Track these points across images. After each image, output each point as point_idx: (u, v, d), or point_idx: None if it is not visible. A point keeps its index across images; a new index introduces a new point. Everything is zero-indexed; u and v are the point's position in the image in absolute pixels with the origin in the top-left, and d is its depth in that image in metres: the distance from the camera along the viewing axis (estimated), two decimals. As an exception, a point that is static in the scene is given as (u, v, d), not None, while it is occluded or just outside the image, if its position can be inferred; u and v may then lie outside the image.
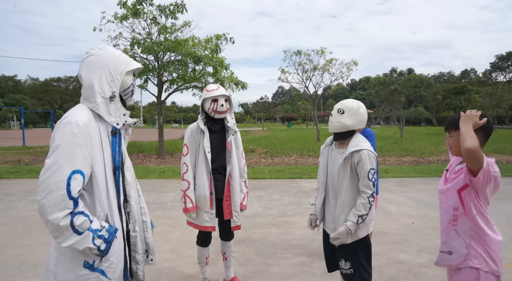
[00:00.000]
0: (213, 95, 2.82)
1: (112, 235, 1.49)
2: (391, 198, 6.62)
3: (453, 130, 1.90)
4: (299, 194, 7.00)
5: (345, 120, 2.27)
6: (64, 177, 1.38)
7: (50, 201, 1.37)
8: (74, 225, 1.39)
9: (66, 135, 1.43)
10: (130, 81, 1.71)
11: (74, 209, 1.39)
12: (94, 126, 1.53)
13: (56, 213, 1.36)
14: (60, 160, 1.40)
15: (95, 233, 1.43)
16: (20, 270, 3.55)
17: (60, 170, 1.39)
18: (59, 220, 1.36)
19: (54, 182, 1.38)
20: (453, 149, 1.95)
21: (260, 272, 3.48)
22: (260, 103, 54.62)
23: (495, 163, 1.79)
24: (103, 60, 1.61)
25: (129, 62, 1.68)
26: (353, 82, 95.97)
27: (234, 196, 2.95)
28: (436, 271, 3.48)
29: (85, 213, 1.43)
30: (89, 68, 1.60)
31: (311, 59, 19.27)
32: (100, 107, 1.56)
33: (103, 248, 1.46)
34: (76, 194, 1.40)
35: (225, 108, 2.85)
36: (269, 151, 14.46)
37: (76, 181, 1.40)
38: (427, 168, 10.35)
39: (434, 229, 4.74)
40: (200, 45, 12.21)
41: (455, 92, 46.62)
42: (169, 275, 3.41)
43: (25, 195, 7.00)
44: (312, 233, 4.64)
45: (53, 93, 60.09)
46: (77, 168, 1.41)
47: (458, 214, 1.86)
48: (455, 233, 1.88)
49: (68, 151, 1.42)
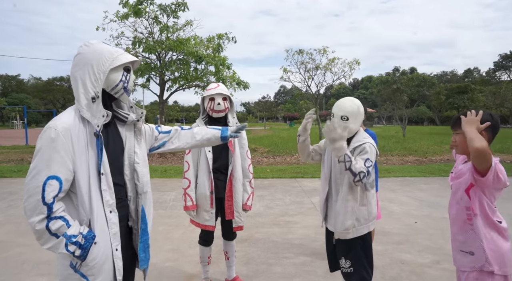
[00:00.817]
0: (210, 93, 2.82)
1: (89, 241, 1.46)
2: (393, 197, 6.60)
3: (459, 127, 1.87)
4: (301, 194, 6.99)
5: (351, 126, 2.28)
6: (40, 183, 1.39)
7: (28, 205, 1.39)
8: (50, 229, 1.40)
9: (44, 140, 1.43)
10: (118, 78, 1.60)
11: (49, 214, 1.39)
12: (78, 129, 1.48)
13: (33, 217, 1.38)
14: (38, 165, 1.41)
15: (69, 240, 1.42)
16: (23, 268, 3.55)
17: (38, 175, 1.40)
18: (35, 224, 1.38)
19: (32, 187, 1.39)
20: (459, 147, 1.93)
21: (262, 272, 3.47)
22: (262, 102, 54.59)
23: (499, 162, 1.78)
24: (87, 58, 1.53)
25: (115, 58, 1.56)
26: (355, 81, 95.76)
27: (236, 196, 2.93)
28: (439, 271, 3.46)
29: (64, 218, 1.43)
30: (76, 68, 1.55)
31: (313, 58, 19.21)
32: (84, 109, 1.51)
33: (77, 254, 1.44)
34: (50, 199, 1.39)
35: (222, 107, 2.83)
36: (271, 150, 14.44)
37: (50, 187, 1.39)
38: (430, 167, 10.31)
39: (437, 229, 4.72)
40: (202, 44, 12.22)
41: (458, 92, 46.40)
42: (170, 275, 3.41)
43: (28, 194, 7.02)
44: (314, 232, 4.63)
45: (56, 93, 60.25)
46: (53, 174, 1.40)
47: (471, 214, 1.86)
48: (473, 232, 1.86)
49: (46, 156, 1.41)
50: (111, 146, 1.62)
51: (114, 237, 1.55)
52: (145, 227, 1.73)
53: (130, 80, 1.66)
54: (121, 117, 1.69)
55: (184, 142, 2.01)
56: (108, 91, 1.61)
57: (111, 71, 1.57)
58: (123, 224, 1.68)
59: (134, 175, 1.71)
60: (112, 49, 1.59)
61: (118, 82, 1.60)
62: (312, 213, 5.55)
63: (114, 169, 1.59)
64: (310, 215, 5.44)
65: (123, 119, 1.69)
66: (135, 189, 1.72)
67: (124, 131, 1.72)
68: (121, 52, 1.61)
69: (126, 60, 1.60)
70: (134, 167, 1.71)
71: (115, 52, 1.58)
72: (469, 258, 1.88)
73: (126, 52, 1.67)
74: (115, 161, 1.64)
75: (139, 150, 1.74)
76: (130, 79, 1.66)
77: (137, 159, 1.71)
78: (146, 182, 1.75)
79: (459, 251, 1.94)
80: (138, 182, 1.71)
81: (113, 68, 1.56)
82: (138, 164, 1.71)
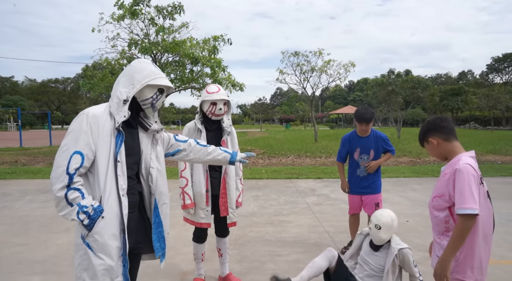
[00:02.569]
0: (213, 98, 2.87)
1: (97, 214, 1.68)
2: (386, 197, 6.67)
3: (423, 142, 2.08)
4: (295, 194, 7.05)
5: (381, 235, 2.65)
6: (67, 156, 1.66)
7: (55, 174, 1.66)
8: (67, 198, 1.64)
9: (77, 123, 1.73)
10: (150, 95, 1.88)
11: (69, 183, 1.65)
12: (105, 119, 1.77)
13: (56, 184, 1.64)
14: (68, 142, 1.70)
15: (81, 209, 1.65)
16: (18, 268, 3.58)
17: (67, 150, 1.68)
18: (56, 191, 1.64)
19: (60, 160, 1.68)
20: (434, 156, 2.10)
21: (255, 269, 3.52)
22: (258, 104, 54.75)
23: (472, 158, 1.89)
24: (134, 70, 1.86)
25: (154, 78, 1.85)
26: (351, 84, 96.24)
27: (230, 193, 3.00)
28: (428, 267, 3.52)
29: (81, 191, 1.68)
30: (123, 74, 1.88)
31: (308, 60, 19.36)
32: (114, 106, 1.80)
33: (86, 223, 1.66)
34: (72, 171, 1.65)
35: (223, 111, 2.92)
36: (266, 152, 14.50)
37: (75, 160, 1.66)
38: (423, 168, 10.42)
39: (428, 227, 4.77)
40: (197, 46, 12.28)
41: (452, 93, 46.76)
42: (166, 272, 3.45)
43: (23, 195, 7.02)
44: (308, 231, 4.69)
45: (51, 95, 60.05)
46: (78, 150, 1.67)
47: (449, 227, 1.91)
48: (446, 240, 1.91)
49: (75, 135, 1.70)
50: (130, 144, 1.88)
51: (125, 218, 1.76)
52: (159, 220, 2.02)
53: (159, 100, 1.94)
54: (145, 125, 1.98)
55: (198, 158, 2.32)
56: (138, 101, 1.90)
57: (147, 87, 1.87)
58: (134, 214, 1.92)
59: (148, 178, 1.99)
60: (156, 70, 1.90)
61: (149, 97, 1.90)
62: (306, 213, 5.61)
63: (129, 163, 1.84)
64: (304, 215, 5.50)
65: (146, 127, 1.98)
66: (149, 189, 2.01)
67: (145, 137, 2.00)
68: (162, 76, 1.92)
69: (162, 83, 1.90)
70: (149, 171, 1.98)
71: (158, 74, 1.89)
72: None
73: (166, 78, 1.96)
74: (131, 157, 1.88)
75: (155, 158, 2.01)
76: (160, 99, 1.94)
77: (152, 165, 1.99)
78: (161, 193, 2.03)
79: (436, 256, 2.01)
80: (151, 184, 1.99)
81: (150, 84, 1.86)
82: (153, 169, 1.99)
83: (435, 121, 2.01)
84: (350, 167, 3.88)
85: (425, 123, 2.06)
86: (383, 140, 3.75)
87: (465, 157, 1.87)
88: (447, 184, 1.86)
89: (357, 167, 3.79)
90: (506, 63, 61.10)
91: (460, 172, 1.79)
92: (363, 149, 3.74)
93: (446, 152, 1.98)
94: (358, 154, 3.77)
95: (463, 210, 1.74)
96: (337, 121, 57.18)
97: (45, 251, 4.03)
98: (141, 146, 1.97)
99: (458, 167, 1.81)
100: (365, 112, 3.63)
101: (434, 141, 1.98)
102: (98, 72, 12.73)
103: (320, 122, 64.30)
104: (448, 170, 1.91)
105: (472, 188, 1.76)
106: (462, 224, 1.76)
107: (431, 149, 2.04)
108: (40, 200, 6.57)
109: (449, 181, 1.85)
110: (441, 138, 1.97)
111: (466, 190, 1.75)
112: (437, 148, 1.99)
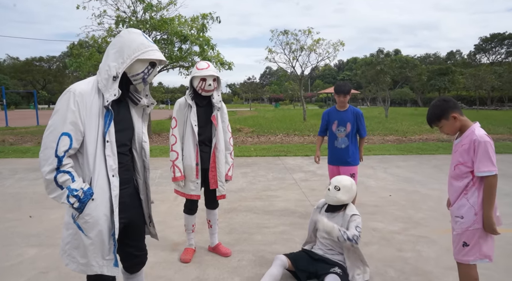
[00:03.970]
0: (202, 74, 2.94)
1: (88, 197, 1.66)
2: (371, 173, 6.91)
3: (436, 122, 2.31)
4: (283, 171, 7.23)
5: (340, 196, 2.81)
6: (55, 138, 1.61)
7: (43, 156, 1.62)
8: (57, 181, 1.61)
9: (63, 101, 1.64)
10: (141, 69, 1.78)
11: (58, 166, 1.61)
12: (92, 97, 1.69)
13: (45, 167, 1.60)
14: (55, 123, 1.63)
15: (71, 192, 1.62)
16: (13, 241, 3.68)
17: (54, 131, 1.62)
18: (46, 173, 1.60)
19: (48, 141, 1.62)
20: (447, 133, 2.33)
21: (244, 240, 3.70)
22: (248, 83, 54.37)
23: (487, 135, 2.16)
24: (123, 42, 1.74)
25: (145, 52, 1.74)
26: (341, 63, 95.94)
27: (220, 167, 3.12)
28: (407, 237, 3.76)
29: (71, 173, 1.64)
30: (112, 46, 1.76)
31: (298, 39, 19.27)
32: (102, 82, 1.71)
33: (76, 206, 1.64)
34: (61, 153, 1.60)
35: (212, 87, 2.99)
36: (255, 130, 14.62)
37: (63, 142, 1.61)
38: (409, 146, 10.68)
39: (409, 201, 5.03)
40: (186, 24, 12.11)
41: (439, 73, 47.14)
42: (158, 243, 3.58)
43: (12, 173, 7.05)
44: (295, 205, 4.88)
45: (35, 73, 58.46)
46: (66, 131, 1.61)
47: (469, 189, 2.22)
48: (466, 200, 2.22)
49: (62, 115, 1.62)
50: (121, 121, 1.83)
51: (115, 199, 1.74)
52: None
53: (151, 74, 1.85)
54: (134, 99, 1.91)
55: None
56: (129, 76, 1.81)
57: (138, 61, 1.76)
58: (129, 189, 1.93)
59: (142, 152, 1.99)
60: (147, 42, 1.77)
61: (140, 72, 1.80)
62: (293, 188, 5.79)
63: (120, 140, 1.80)
64: (291, 190, 5.68)
65: (136, 101, 1.92)
66: (143, 164, 2.01)
67: (134, 112, 1.95)
68: (154, 48, 1.79)
69: (154, 57, 1.78)
70: (142, 146, 1.98)
71: (148, 46, 1.76)
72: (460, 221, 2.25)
73: (158, 50, 1.83)
74: (123, 134, 1.84)
75: (145, 132, 1.98)
76: (151, 73, 1.85)
77: (144, 139, 1.98)
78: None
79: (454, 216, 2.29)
80: (145, 159, 2.00)
81: (140, 59, 1.75)
82: (146, 143, 1.99)
83: (451, 99, 2.29)
84: (329, 139, 4.12)
85: (442, 102, 2.29)
86: (359, 116, 3.99)
87: (477, 128, 2.19)
88: (468, 152, 2.17)
89: (335, 139, 4.02)
90: (493, 43, 61.47)
91: (479, 142, 2.11)
92: (340, 121, 3.98)
93: (461, 126, 2.26)
94: (336, 126, 4.00)
95: (489, 172, 2.09)
96: (326, 100, 57.26)
97: (39, 225, 4.13)
98: (132, 122, 1.92)
99: (476, 138, 2.12)
100: (343, 85, 3.94)
101: (456, 116, 2.23)
102: (85, 51, 12.50)
103: (309, 102, 64.37)
104: (465, 141, 2.20)
105: (490, 153, 2.10)
106: (489, 183, 2.11)
107: (450, 125, 2.27)
108: (30, 178, 6.62)
109: (470, 150, 2.16)
110: (459, 113, 2.25)
111: (487, 156, 2.09)
112: (456, 123, 2.25)
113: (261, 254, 3.36)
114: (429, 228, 3.98)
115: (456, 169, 2.27)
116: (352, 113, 3.98)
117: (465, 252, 2.23)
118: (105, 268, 1.74)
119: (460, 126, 2.26)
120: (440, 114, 2.29)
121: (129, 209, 1.90)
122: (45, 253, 3.39)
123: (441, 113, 2.28)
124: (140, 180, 2.02)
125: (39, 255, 3.34)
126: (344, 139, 3.95)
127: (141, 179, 2.02)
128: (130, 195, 1.93)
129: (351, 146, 3.96)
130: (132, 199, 1.96)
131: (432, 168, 7.32)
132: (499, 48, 61.45)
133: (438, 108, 2.29)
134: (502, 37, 59.53)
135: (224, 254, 3.30)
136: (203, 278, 2.92)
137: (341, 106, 4.00)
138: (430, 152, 9.44)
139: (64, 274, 2.97)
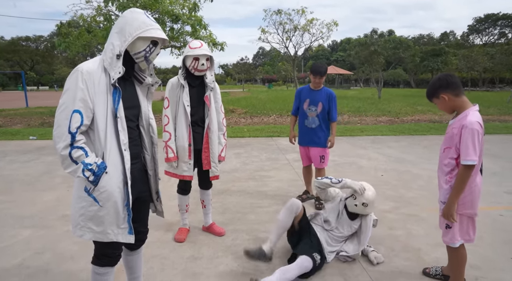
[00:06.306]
0: (195, 53, 2.89)
1: (101, 170, 1.74)
2: (364, 154, 6.97)
3: (431, 100, 2.30)
4: (276, 151, 7.26)
5: (368, 210, 2.92)
6: (67, 115, 1.68)
7: (57, 133, 1.70)
8: (72, 156, 1.69)
9: (71, 80, 1.71)
10: (142, 47, 1.83)
11: (72, 142, 1.68)
12: (99, 75, 1.75)
13: (60, 143, 1.69)
14: (66, 101, 1.70)
15: (86, 166, 1.71)
16: (7, 222, 3.68)
17: (66, 109, 1.69)
18: (60, 150, 1.69)
19: (61, 119, 1.69)
20: (442, 109, 2.31)
21: (237, 219, 3.74)
22: (241, 64, 53.92)
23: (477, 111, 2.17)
24: (125, 22, 1.79)
25: (146, 30, 1.78)
26: (334, 44, 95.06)
27: (212, 148, 3.11)
28: (398, 215, 3.83)
29: (84, 149, 1.72)
30: (115, 26, 1.82)
31: (291, 18, 19.00)
32: (107, 61, 1.77)
33: (91, 179, 1.73)
34: (74, 129, 1.68)
35: (205, 67, 2.94)
36: (248, 111, 14.57)
37: (75, 119, 1.68)
38: (401, 127, 10.76)
39: (400, 180, 5.10)
40: (177, 3, 11.83)
41: (432, 54, 47.05)
42: (152, 223, 3.58)
43: (3, 156, 6.98)
44: (288, 185, 4.92)
45: (22, 54, 57.17)
46: (77, 108, 1.69)
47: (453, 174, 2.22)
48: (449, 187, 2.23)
49: (72, 94, 1.70)
50: (128, 98, 1.90)
51: (128, 171, 1.83)
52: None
53: (153, 52, 1.88)
54: (139, 78, 1.97)
55: None
56: (131, 54, 1.85)
57: (139, 39, 1.80)
58: (138, 165, 2.00)
59: (149, 129, 2.06)
60: (148, 21, 1.81)
61: (141, 51, 1.84)
62: (286, 168, 5.83)
63: (128, 116, 1.87)
64: (284, 170, 5.72)
65: (140, 80, 1.98)
66: (151, 140, 2.08)
67: (140, 91, 2.01)
68: (155, 26, 1.83)
69: (155, 35, 1.81)
70: (149, 122, 2.05)
71: (150, 25, 1.81)
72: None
73: (160, 29, 1.87)
74: (130, 111, 1.91)
75: (151, 109, 2.06)
76: (153, 52, 1.88)
77: (151, 115, 2.05)
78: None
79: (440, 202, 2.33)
80: (153, 134, 2.07)
81: (141, 37, 1.79)
82: (152, 119, 2.06)
83: (446, 78, 2.23)
84: (299, 119, 4.13)
85: (436, 80, 2.26)
86: (332, 98, 3.98)
87: (472, 112, 2.14)
88: (454, 137, 2.16)
89: (305, 118, 4.03)
90: (487, 24, 61.25)
91: (466, 128, 2.08)
92: (312, 101, 3.98)
93: (456, 107, 2.23)
94: (307, 105, 4.00)
95: (466, 161, 2.08)
96: (320, 81, 56.93)
97: (32, 207, 4.12)
98: (138, 100, 2.00)
99: (465, 123, 2.09)
100: (321, 66, 3.94)
101: (446, 97, 2.21)
102: (74, 30, 12.20)
103: (302, 82, 64.00)
104: (456, 124, 2.18)
105: (475, 142, 2.06)
106: (463, 172, 2.11)
107: (441, 104, 2.26)
108: (21, 160, 6.56)
109: (456, 135, 2.15)
110: (451, 94, 2.20)
111: (470, 144, 2.06)
112: (448, 103, 2.23)
113: (254, 233, 3.40)
114: (419, 207, 4.06)
115: (445, 152, 2.28)
116: (325, 93, 3.97)
117: (449, 235, 2.30)
118: (120, 236, 1.85)
119: (453, 106, 2.24)
120: (431, 93, 2.29)
121: (137, 184, 1.97)
122: (39, 234, 3.40)
123: (432, 92, 2.28)
124: (148, 156, 2.09)
125: (33, 236, 3.35)
126: (315, 118, 3.97)
127: (149, 155, 2.09)
128: (138, 171, 2.01)
129: (321, 126, 3.98)
130: (140, 174, 2.03)
131: (424, 149, 7.40)
132: (493, 29, 61.32)
133: (431, 86, 2.29)
134: (496, 18, 59.30)
135: (218, 234, 3.34)
136: (198, 256, 2.97)
137: (316, 86, 4.00)
138: (422, 133, 9.53)
139: (59, 254, 2.99)
